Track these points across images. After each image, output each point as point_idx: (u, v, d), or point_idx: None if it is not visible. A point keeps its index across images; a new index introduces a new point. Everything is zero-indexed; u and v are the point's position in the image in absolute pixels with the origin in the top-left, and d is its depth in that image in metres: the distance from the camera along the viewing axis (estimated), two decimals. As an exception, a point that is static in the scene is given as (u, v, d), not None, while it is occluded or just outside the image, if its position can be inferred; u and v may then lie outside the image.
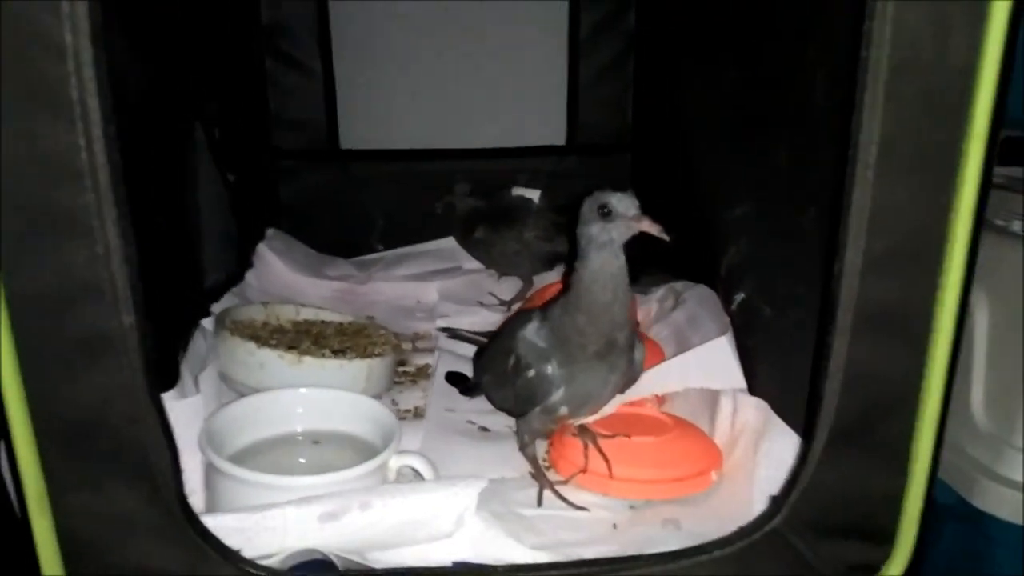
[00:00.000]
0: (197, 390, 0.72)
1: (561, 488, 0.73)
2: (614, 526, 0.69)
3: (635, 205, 0.63)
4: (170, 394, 0.67)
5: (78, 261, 0.46)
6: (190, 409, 0.68)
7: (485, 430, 0.85)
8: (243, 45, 1.25)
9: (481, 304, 1.20)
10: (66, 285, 0.47)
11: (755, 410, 0.74)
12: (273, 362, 0.81)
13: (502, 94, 1.37)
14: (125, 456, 0.50)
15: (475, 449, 0.80)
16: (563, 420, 0.74)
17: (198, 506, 0.58)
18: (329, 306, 1.07)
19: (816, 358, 0.55)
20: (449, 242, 1.33)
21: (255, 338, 0.85)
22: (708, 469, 0.73)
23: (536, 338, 0.71)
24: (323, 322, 1.01)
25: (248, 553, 0.55)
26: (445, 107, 1.37)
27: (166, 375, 0.70)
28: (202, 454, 0.64)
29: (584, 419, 0.75)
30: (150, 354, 0.49)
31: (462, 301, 1.21)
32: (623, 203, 0.63)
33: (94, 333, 0.48)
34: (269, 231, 1.27)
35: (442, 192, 1.22)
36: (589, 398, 0.71)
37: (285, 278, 1.20)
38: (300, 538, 0.57)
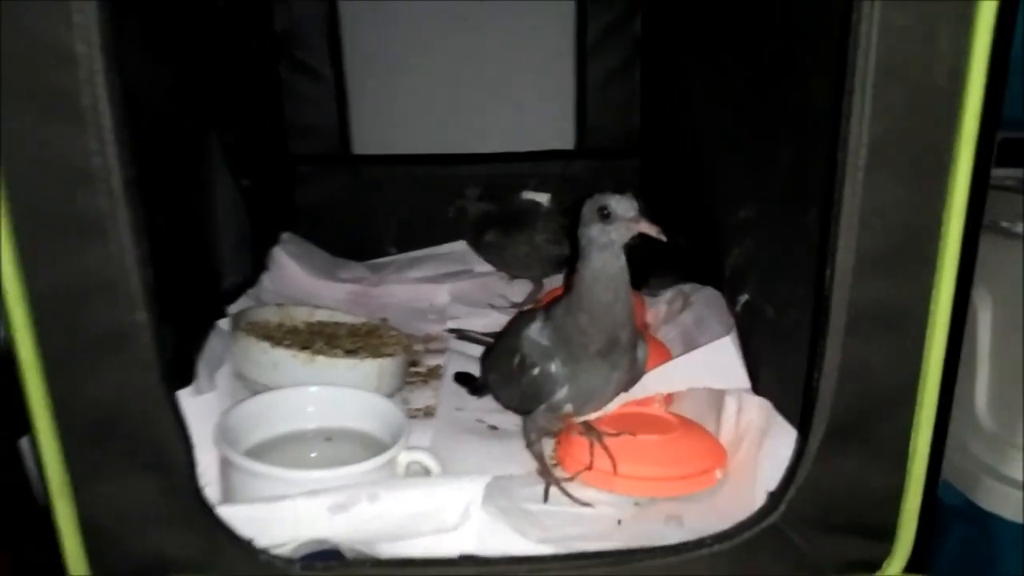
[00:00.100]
0: (212, 387, 0.73)
1: (567, 485, 0.73)
2: (618, 522, 0.69)
3: (634, 207, 0.64)
4: (186, 391, 0.68)
5: (94, 261, 0.48)
6: (205, 405, 0.69)
7: (494, 428, 0.86)
8: (257, 54, 1.27)
9: (492, 306, 1.20)
10: (83, 284, 0.49)
11: (759, 409, 0.74)
12: (286, 361, 0.82)
13: (512, 99, 1.38)
14: (141, 448, 0.52)
15: (483, 446, 0.81)
16: (568, 417, 0.75)
17: (214, 499, 0.59)
18: (343, 308, 1.07)
19: (811, 356, 0.56)
20: (461, 245, 1.34)
21: (269, 338, 0.86)
22: (712, 467, 0.73)
23: (540, 337, 0.72)
24: (336, 323, 1.01)
25: (260, 542, 0.56)
26: (456, 112, 1.38)
27: (183, 374, 0.71)
28: (217, 449, 0.66)
29: (589, 416, 0.75)
30: (163, 349, 0.51)
31: (473, 303, 1.22)
32: (622, 205, 0.64)
33: (110, 329, 0.50)
34: (284, 235, 1.28)
35: (453, 196, 1.23)
36: (593, 395, 0.72)
37: (300, 281, 1.21)
38: (311, 528, 0.58)
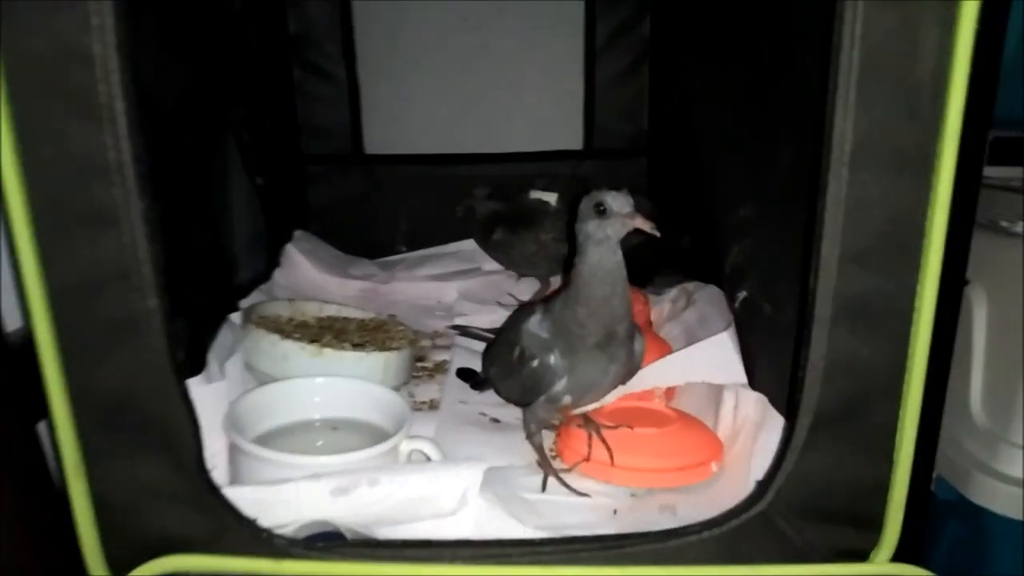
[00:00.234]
0: (222, 377, 0.75)
1: (565, 475, 0.74)
2: (614, 512, 0.70)
3: (629, 203, 0.66)
4: (196, 379, 0.70)
5: (108, 251, 0.51)
6: (215, 394, 0.71)
7: (496, 421, 0.87)
8: (272, 56, 1.29)
9: (499, 304, 1.21)
10: (98, 273, 0.51)
11: (755, 404, 0.76)
12: (295, 353, 0.84)
13: (521, 100, 1.40)
14: (151, 429, 0.54)
15: (485, 438, 0.83)
16: (567, 409, 0.76)
17: (221, 483, 0.61)
18: (353, 304, 1.09)
19: (797, 346, 0.57)
20: (469, 244, 1.36)
21: (279, 331, 0.88)
22: (708, 460, 0.75)
23: (539, 330, 0.73)
24: (345, 318, 1.03)
25: (264, 523, 0.57)
26: (466, 113, 1.40)
27: (196, 364, 0.73)
28: (226, 435, 0.68)
29: (586, 408, 0.77)
30: (174, 335, 0.53)
31: (481, 301, 1.23)
32: (618, 201, 0.66)
33: (122, 315, 0.52)
34: (297, 232, 1.30)
35: (463, 195, 1.25)
36: (591, 387, 0.74)
37: (311, 277, 1.23)
38: (313, 510, 0.60)
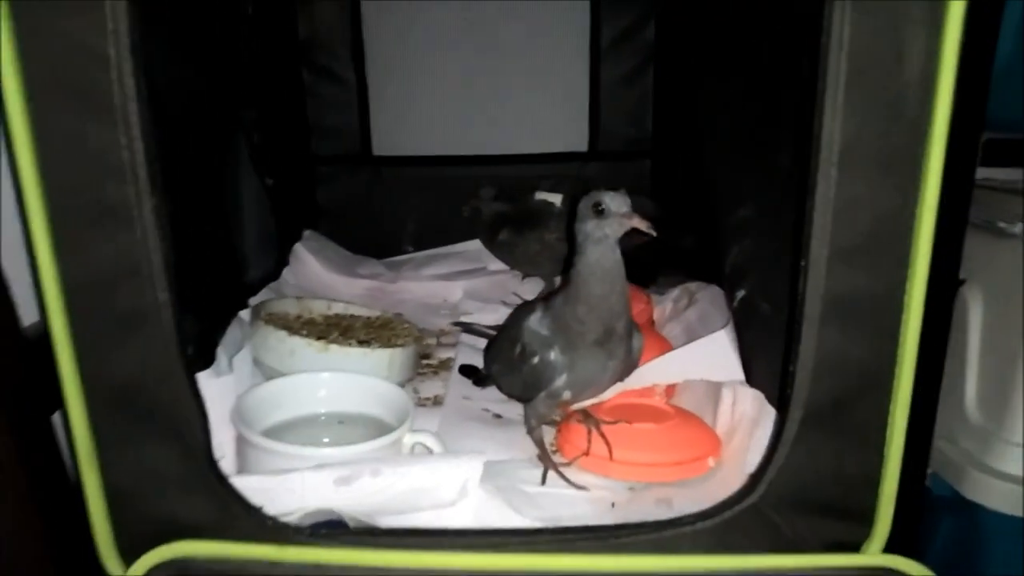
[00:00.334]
0: (230, 371, 0.77)
1: (564, 469, 0.76)
2: (612, 505, 0.72)
3: (627, 203, 0.67)
4: (206, 373, 0.72)
5: (121, 246, 0.53)
6: (224, 387, 0.73)
7: (498, 417, 0.89)
8: (282, 59, 1.32)
9: (504, 303, 1.22)
10: (111, 268, 0.53)
11: (752, 400, 0.77)
12: (302, 349, 0.85)
13: (527, 102, 1.42)
14: (160, 419, 0.56)
15: (487, 433, 0.84)
16: (567, 404, 0.78)
17: (229, 472, 0.63)
18: (360, 303, 1.11)
19: (787, 342, 0.58)
20: (475, 244, 1.38)
21: (287, 328, 0.89)
22: (705, 455, 0.76)
23: (540, 327, 0.75)
24: (352, 316, 1.05)
25: (270, 511, 0.59)
26: (472, 115, 1.42)
27: (206, 359, 0.75)
28: (234, 427, 0.70)
29: (586, 403, 0.78)
30: (183, 327, 0.55)
31: (486, 300, 1.24)
32: (615, 201, 0.67)
33: (134, 308, 0.54)
34: (306, 232, 1.32)
35: (469, 196, 1.26)
36: (590, 383, 0.75)
37: (320, 276, 1.25)
38: (317, 499, 0.62)
